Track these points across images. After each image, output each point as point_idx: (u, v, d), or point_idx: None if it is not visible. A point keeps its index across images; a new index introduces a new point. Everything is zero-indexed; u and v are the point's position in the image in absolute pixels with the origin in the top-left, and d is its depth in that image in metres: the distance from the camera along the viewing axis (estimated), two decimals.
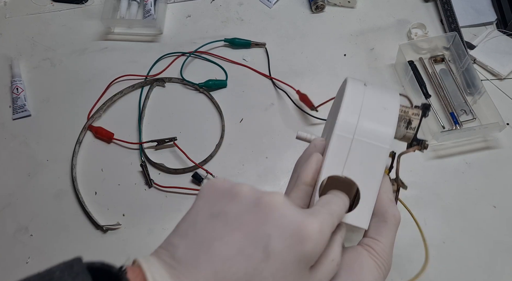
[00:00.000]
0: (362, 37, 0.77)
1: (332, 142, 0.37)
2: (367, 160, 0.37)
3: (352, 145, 0.37)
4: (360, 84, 0.40)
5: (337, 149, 0.37)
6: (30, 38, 0.80)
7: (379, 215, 0.37)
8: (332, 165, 0.37)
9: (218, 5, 0.82)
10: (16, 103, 0.72)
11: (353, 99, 0.39)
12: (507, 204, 0.61)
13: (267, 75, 0.74)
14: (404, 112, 0.41)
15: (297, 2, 0.81)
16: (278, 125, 0.69)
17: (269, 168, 0.66)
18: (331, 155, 0.37)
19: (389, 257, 0.36)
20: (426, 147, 0.42)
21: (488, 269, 0.57)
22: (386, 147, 0.37)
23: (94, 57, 0.77)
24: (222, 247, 0.29)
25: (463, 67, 0.70)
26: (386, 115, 0.38)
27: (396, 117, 0.38)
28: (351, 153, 0.37)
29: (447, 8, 0.76)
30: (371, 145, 0.37)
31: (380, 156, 0.37)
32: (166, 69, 0.75)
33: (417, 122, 0.41)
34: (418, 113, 0.41)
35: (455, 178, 0.64)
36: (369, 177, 0.36)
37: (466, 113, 0.67)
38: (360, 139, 0.37)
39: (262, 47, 0.76)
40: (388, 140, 0.37)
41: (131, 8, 0.81)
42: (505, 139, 0.66)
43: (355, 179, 0.36)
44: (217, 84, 0.73)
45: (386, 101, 0.39)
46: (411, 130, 0.41)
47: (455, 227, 0.60)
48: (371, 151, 0.37)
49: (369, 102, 0.39)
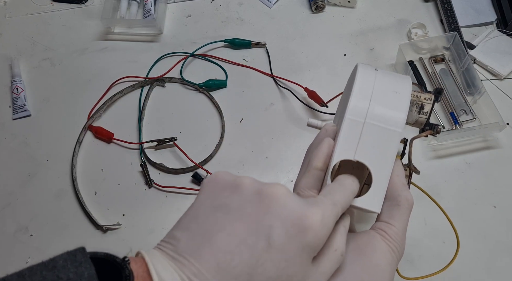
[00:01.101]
0: (362, 37, 0.77)
1: (344, 126, 0.37)
2: (379, 144, 0.36)
3: (363, 129, 0.36)
4: (371, 69, 0.40)
5: (349, 133, 0.36)
6: (30, 38, 0.80)
7: (392, 199, 0.36)
8: (344, 149, 0.36)
9: (218, 5, 0.82)
10: (16, 103, 0.72)
11: (364, 83, 0.38)
12: (507, 204, 0.61)
13: (269, 74, 0.74)
14: (416, 97, 0.41)
15: (297, 2, 0.81)
16: (278, 125, 0.69)
17: (269, 168, 0.66)
18: (343, 139, 0.36)
19: (402, 241, 0.35)
20: (439, 132, 0.41)
21: (488, 269, 0.57)
22: (398, 131, 0.36)
23: (94, 57, 0.77)
24: (224, 238, 0.28)
25: (463, 67, 0.70)
26: (398, 99, 0.38)
27: (408, 101, 0.38)
28: (363, 137, 0.36)
29: (447, 8, 0.76)
30: (383, 128, 0.36)
31: (392, 139, 0.36)
32: (170, 71, 0.75)
33: (430, 106, 0.40)
34: (431, 97, 0.41)
35: (455, 178, 0.64)
36: (381, 161, 0.36)
37: (466, 113, 0.67)
38: (372, 122, 0.36)
39: (262, 47, 0.76)
40: (400, 124, 0.36)
41: (131, 8, 0.81)
42: (505, 139, 0.66)
43: (367, 163, 0.36)
44: (217, 84, 0.72)
45: (397, 85, 0.39)
46: (424, 115, 0.40)
47: (455, 227, 0.60)
48: (383, 135, 0.36)
49: (380, 86, 0.38)
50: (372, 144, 0.36)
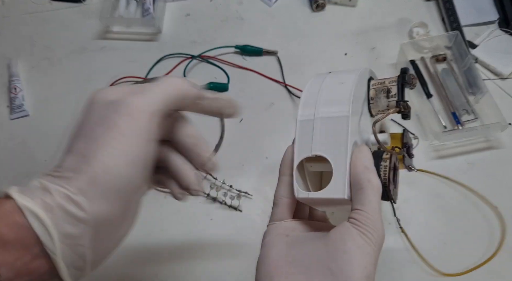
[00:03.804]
0: (363, 36, 0.76)
1: (297, 128, 0.39)
2: (331, 133, 0.37)
3: (314, 125, 0.38)
4: (322, 74, 0.42)
5: (303, 133, 0.39)
6: (29, 37, 0.80)
7: (356, 183, 0.36)
8: (302, 149, 0.38)
9: (218, 4, 0.81)
10: (14, 103, 0.72)
11: (311, 88, 0.41)
12: (509, 204, 0.61)
13: (281, 82, 0.72)
14: (381, 83, 0.42)
15: (297, 1, 0.81)
16: (278, 125, 0.69)
17: (269, 168, 0.66)
18: (299, 141, 0.39)
19: (375, 224, 0.34)
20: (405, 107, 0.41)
21: (489, 269, 0.57)
22: (345, 115, 0.37)
23: (93, 56, 0.77)
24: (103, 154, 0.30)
25: (465, 67, 0.69)
26: (343, 88, 0.39)
27: (352, 86, 0.39)
28: (315, 131, 0.38)
29: (449, 7, 0.75)
30: (330, 118, 0.38)
31: (342, 125, 0.37)
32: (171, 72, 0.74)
33: (396, 88, 0.41)
34: (395, 79, 0.41)
35: (456, 178, 0.63)
36: (336, 148, 0.37)
37: (468, 113, 0.67)
38: (320, 116, 0.38)
39: (274, 55, 0.75)
40: (346, 107, 0.37)
41: (130, 7, 0.80)
42: (507, 139, 0.66)
43: (324, 154, 0.37)
44: (218, 88, 0.72)
45: (343, 77, 0.40)
46: (393, 97, 0.41)
47: (456, 228, 0.60)
48: (332, 123, 0.38)
49: (327, 84, 0.40)
50: (325, 135, 0.38)
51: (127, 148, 0.31)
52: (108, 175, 0.30)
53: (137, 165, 0.31)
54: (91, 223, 0.29)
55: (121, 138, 0.31)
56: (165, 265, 0.59)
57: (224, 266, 0.59)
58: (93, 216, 0.29)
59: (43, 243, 0.28)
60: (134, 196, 0.32)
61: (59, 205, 0.28)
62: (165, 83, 0.34)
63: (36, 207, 0.28)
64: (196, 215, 0.62)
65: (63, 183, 0.29)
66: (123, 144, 0.31)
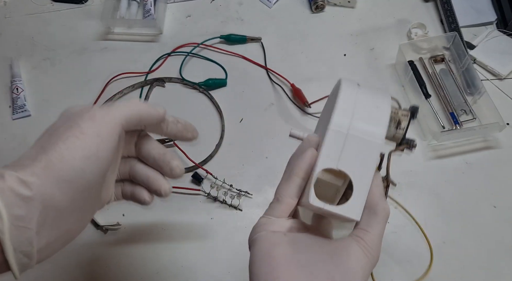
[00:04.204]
0: (362, 37, 0.77)
1: (328, 136, 0.38)
2: (361, 155, 0.38)
3: (346, 140, 0.38)
4: (354, 83, 0.42)
5: (332, 143, 0.38)
6: (30, 38, 0.80)
7: (370, 208, 0.38)
8: (327, 158, 0.38)
9: (218, 5, 0.82)
10: (16, 103, 0.72)
11: (348, 96, 0.40)
12: (508, 204, 0.61)
13: (263, 66, 0.74)
14: (394, 113, 0.43)
15: (297, 2, 0.81)
16: (278, 125, 0.69)
17: (269, 168, 0.66)
18: (326, 149, 0.38)
19: (377, 248, 0.37)
20: (414, 146, 0.44)
21: (488, 269, 0.57)
22: (378, 142, 0.38)
23: (94, 57, 0.77)
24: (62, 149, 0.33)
25: (463, 67, 0.70)
26: (379, 113, 0.40)
27: (388, 115, 0.40)
28: (346, 147, 0.38)
29: (447, 8, 0.76)
30: (364, 140, 0.38)
31: (373, 151, 0.38)
32: (160, 67, 0.75)
33: (406, 122, 0.43)
34: (407, 114, 0.43)
35: (455, 178, 0.64)
36: (362, 171, 0.37)
37: (466, 113, 0.67)
38: (354, 134, 0.38)
39: (258, 42, 0.77)
40: (381, 136, 0.39)
41: (131, 8, 0.81)
42: (505, 139, 0.66)
43: (349, 172, 0.37)
44: (217, 83, 0.73)
45: (378, 100, 0.41)
46: (401, 130, 0.43)
47: (455, 227, 0.60)
48: (364, 146, 0.38)
49: (362, 100, 0.40)
50: (354, 155, 0.38)
51: (84, 145, 0.33)
52: (62, 164, 0.32)
53: (92, 162, 0.34)
54: (37, 204, 0.31)
55: (80, 136, 0.34)
56: (165, 263, 0.59)
57: (224, 265, 0.59)
58: (40, 197, 0.31)
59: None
60: (85, 192, 0.35)
61: (10, 187, 0.30)
62: (127, 103, 0.38)
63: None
64: (197, 214, 0.63)
65: (18, 169, 0.32)
66: (81, 140, 0.34)
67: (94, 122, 0.35)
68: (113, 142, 0.36)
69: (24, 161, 0.33)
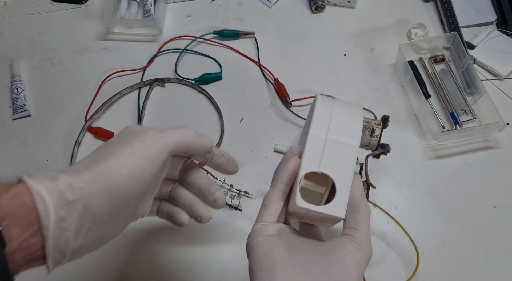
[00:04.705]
0: (362, 37, 0.77)
1: (308, 142, 0.42)
2: (340, 158, 0.41)
3: (325, 145, 0.42)
4: (328, 98, 0.47)
5: (313, 149, 0.42)
6: (30, 38, 0.80)
7: (353, 206, 0.40)
8: (310, 163, 0.41)
9: (218, 5, 0.82)
10: (16, 103, 0.72)
11: (324, 107, 0.45)
12: (507, 204, 0.61)
13: (256, 61, 0.75)
14: (368, 122, 0.50)
15: (297, 2, 0.81)
16: (278, 125, 0.69)
17: (269, 168, 0.66)
18: (308, 154, 0.42)
19: (368, 242, 0.39)
20: (389, 150, 0.51)
21: (488, 269, 0.57)
22: (355, 145, 0.42)
23: (94, 57, 0.77)
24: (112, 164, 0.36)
25: (463, 67, 0.70)
26: (353, 120, 0.44)
27: (361, 121, 0.44)
28: (325, 151, 0.42)
29: (447, 8, 0.76)
30: (342, 144, 0.42)
31: (350, 153, 0.42)
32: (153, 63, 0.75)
33: (379, 130, 0.50)
34: (380, 123, 0.50)
35: (455, 178, 0.64)
36: (342, 172, 0.41)
37: (466, 113, 0.67)
38: (332, 138, 0.42)
39: (251, 37, 0.77)
40: (357, 139, 0.43)
41: (131, 8, 0.81)
42: (505, 139, 0.66)
43: (331, 174, 0.41)
44: (212, 78, 0.73)
45: (352, 109, 0.45)
46: (375, 137, 0.50)
47: (455, 227, 0.60)
48: (342, 149, 0.42)
49: (338, 110, 0.45)
50: (334, 158, 0.41)
51: (132, 165, 0.36)
52: (109, 178, 0.35)
53: (135, 180, 0.36)
54: (79, 209, 0.34)
55: (130, 155, 0.37)
56: (165, 263, 0.59)
57: (224, 265, 0.59)
58: (82, 203, 0.34)
59: (41, 220, 0.32)
60: (123, 206, 0.37)
61: (60, 191, 0.33)
62: (179, 130, 0.41)
63: (42, 190, 0.32)
64: None
65: (71, 175, 0.35)
66: (130, 159, 0.36)
67: (145, 145, 0.38)
68: (158, 166, 0.38)
69: (78, 168, 0.35)
